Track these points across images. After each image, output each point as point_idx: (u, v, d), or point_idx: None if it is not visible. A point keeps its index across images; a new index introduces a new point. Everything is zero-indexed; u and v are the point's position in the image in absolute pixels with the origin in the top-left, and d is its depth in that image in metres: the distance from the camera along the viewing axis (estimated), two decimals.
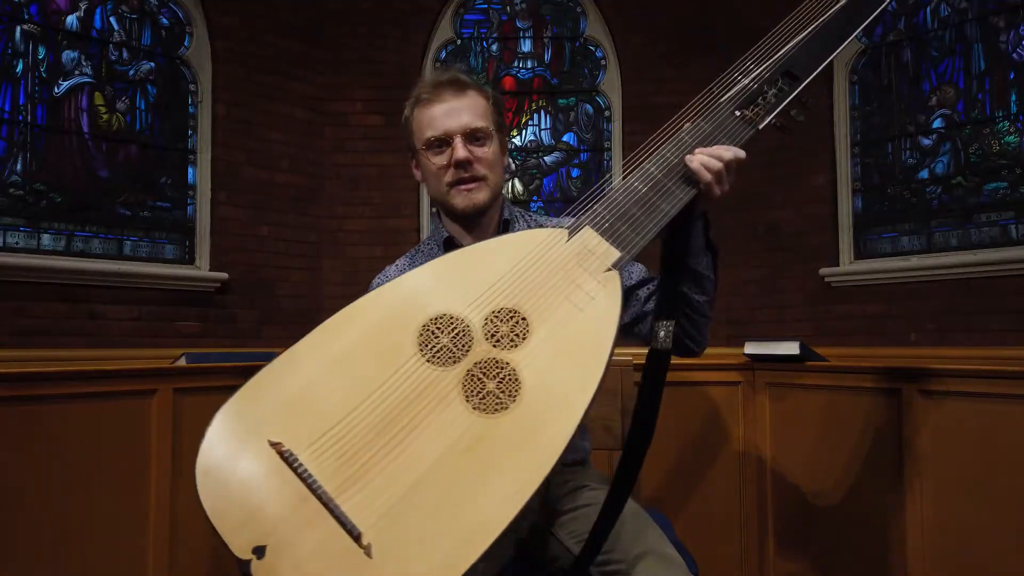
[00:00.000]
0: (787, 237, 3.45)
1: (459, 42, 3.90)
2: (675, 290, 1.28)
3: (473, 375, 1.05)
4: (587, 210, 1.20)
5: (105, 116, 3.20)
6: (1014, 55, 2.98)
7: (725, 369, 2.73)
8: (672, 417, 2.68)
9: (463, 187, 1.40)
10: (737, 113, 1.26)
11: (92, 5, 3.18)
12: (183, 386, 2.36)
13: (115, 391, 2.23)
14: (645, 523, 1.31)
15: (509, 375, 1.05)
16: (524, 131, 3.91)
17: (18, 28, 2.99)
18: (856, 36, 1.35)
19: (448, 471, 0.97)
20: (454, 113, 1.40)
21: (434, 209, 1.70)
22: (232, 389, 1.39)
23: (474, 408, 1.02)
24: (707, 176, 1.17)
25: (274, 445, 1.00)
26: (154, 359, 2.87)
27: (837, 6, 1.33)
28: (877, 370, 2.38)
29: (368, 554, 0.92)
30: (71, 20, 3.13)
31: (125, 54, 3.28)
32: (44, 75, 3.04)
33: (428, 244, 1.53)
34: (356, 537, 0.92)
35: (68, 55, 3.11)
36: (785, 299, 3.44)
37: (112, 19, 3.24)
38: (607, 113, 3.83)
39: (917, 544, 2.17)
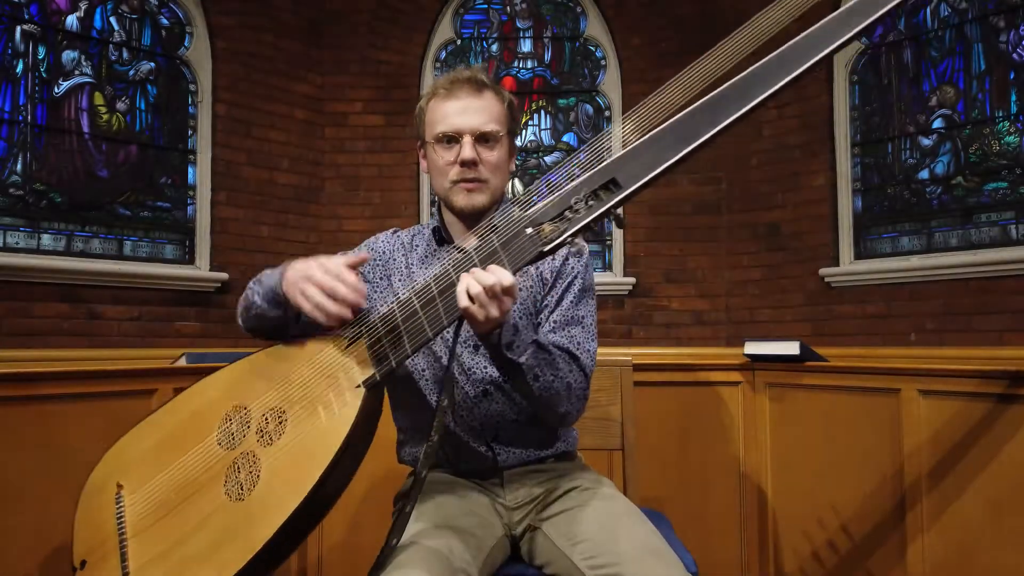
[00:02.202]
0: (787, 237, 3.45)
1: (459, 42, 3.90)
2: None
3: (237, 463, 1.19)
4: (370, 318, 1.20)
5: (105, 116, 3.20)
6: (1014, 55, 2.98)
7: (725, 369, 2.73)
8: (672, 417, 2.68)
9: (465, 186, 1.40)
10: (529, 231, 1.11)
11: (92, 5, 3.18)
12: (183, 386, 2.32)
13: (115, 391, 2.23)
14: (639, 521, 1.31)
15: (254, 470, 1.17)
16: (524, 131, 3.91)
17: (18, 28, 2.99)
18: (699, 147, 1.08)
19: (194, 538, 1.16)
20: (468, 112, 1.40)
21: (433, 208, 1.71)
22: None
23: (225, 492, 1.18)
24: (464, 301, 1.10)
25: (119, 486, 1.28)
26: (154, 359, 2.87)
27: (693, 106, 1.10)
28: (877, 370, 2.38)
29: None
30: (71, 20, 3.13)
31: (125, 54, 3.28)
32: (44, 75, 3.04)
33: (421, 233, 1.54)
34: (124, 573, 1.19)
35: (68, 55, 3.11)
36: (785, 299, 3.44)
37: (112, 19, 3.24)
38: (607, 113, 3.83)
39: (917, 544, 2.17)
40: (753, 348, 2.72)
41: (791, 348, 2.60)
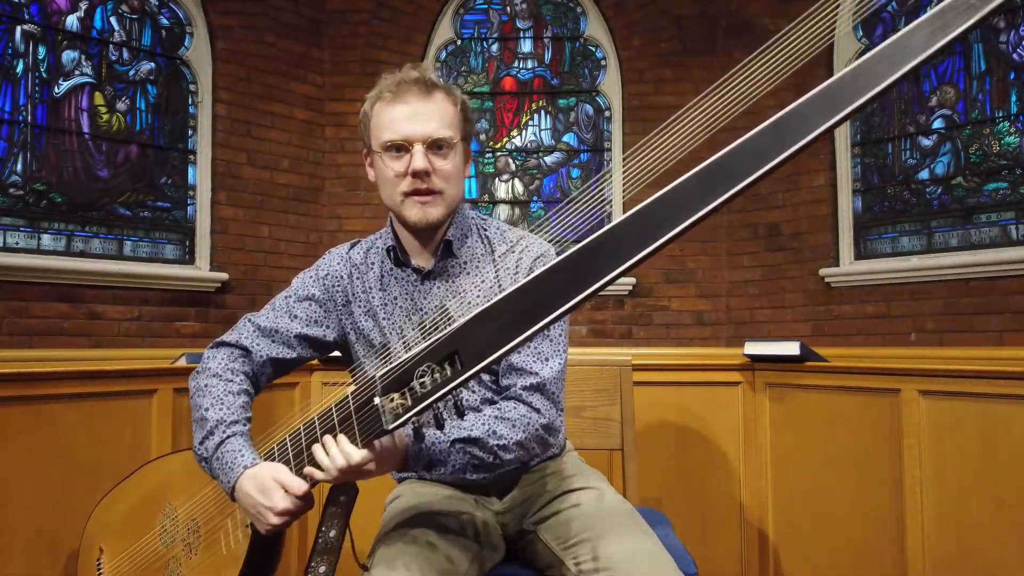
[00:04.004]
0: (787, 237, 3.45)
1: (459, 42, 3.90)
2: None
3: (170, 565, 1.31)
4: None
5: (105, 116, 3.20)
6: (1014, 55, 2.98)
7: (725, 369, 2.73)
8: (672, 417, 2.68)
9: (418, 198, 1.30)
10: (377, 400, 1.00)
11: (92, 5, 3.18)
12: (183, 386, 2.34)
13: (115, 391, 2.23)
14: (632, 521, 1.29)
15: None
16: (524, 131, 3.91)
17: (18, 28, 2.99)
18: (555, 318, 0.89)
19: None
20: (418, 117, 1.28)
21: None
22: None
23: None
24: (322, 477, 1.12)
25: (100, 550, 1.39)
26: (154, 359, 2.87)
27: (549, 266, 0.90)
28: (877, 370, 2.38)
29: None
30: (71, 20, 3.13)
31: (125, 54, 3.28)
32: (44, 75, 3.04)
33: (375, 248, 1.45)
34: None
35: (68, 55, 3.11)
36: (785, 299, 3.44)
37: (112, 19, 3.24)
38: (607, 113, 3.83)
39: (917, 544, 2.17)
40: (753, 348, 2.72)
41: (791, 348, 2.60)
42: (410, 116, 1.29)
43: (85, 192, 3.11)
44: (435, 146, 1.30)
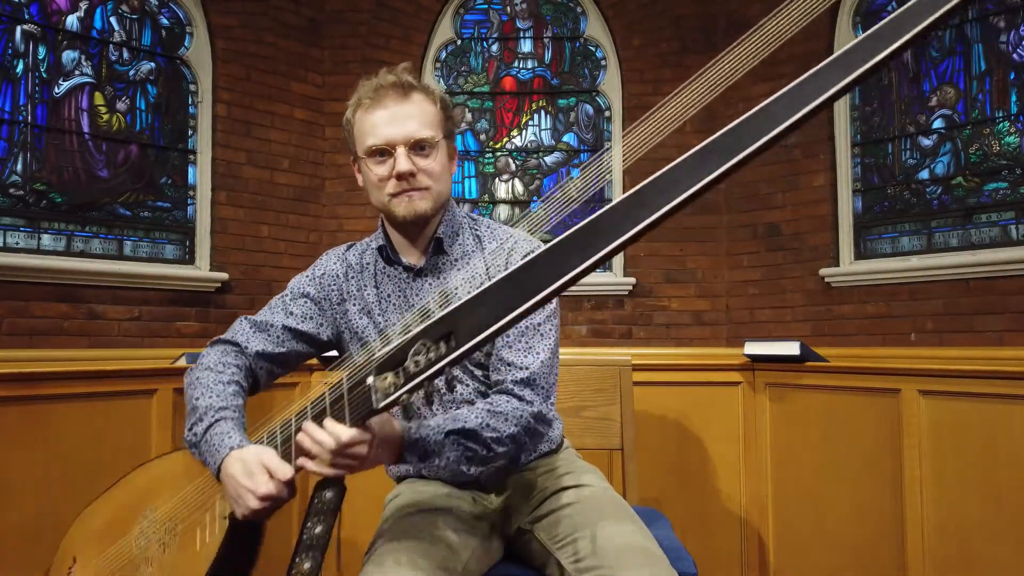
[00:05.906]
0: (787, 237, 3.46)
1: (459, 42, 3.90)
2: None
3: (140, 567, 1.29)
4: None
5: (105, 116, 3.20)
6: (1014, 55, 2.98)
7: (725, 369, 2.73)
8: (672, 417, 2.68)
9: (405, 194, 1.33)
10: (370, 380, 1.00)
11: (92, 5, 3.18)
12: (183, 386, 2.36)
13: (115, 391, 2.23)
14: (627, 519, 1.30)
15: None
16: (524, 131, 3.91)
17: (18, 28, 2.99)
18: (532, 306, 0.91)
19: None
20: (397, 120, 1.31)
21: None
22: None
23: None
24: (310, 465, 1.10)
25: (73, 560, 1.38)
26: (154, 359, 2.87)
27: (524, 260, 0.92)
28: (877, 370, 2.38)
29: None
30: (71, 20, 3.13)
31: (125, 54, 3.28)
32: (44, 75, 3.04)
33: (369, 249, 1.48)
34: None
35: (68, 55, 3.11)
36: (785, 299, 3.44)
37: (112, 19, 3.24)
38: (607, 113, 3.83)
39: (917, 544, 2.18)
40: (753, 348, 2.72)
41: (791, 348, 2.61)
42: (389, 120, 1.31)
43: (85, 192, 3.11)
44: (417, 147, 1.32)
